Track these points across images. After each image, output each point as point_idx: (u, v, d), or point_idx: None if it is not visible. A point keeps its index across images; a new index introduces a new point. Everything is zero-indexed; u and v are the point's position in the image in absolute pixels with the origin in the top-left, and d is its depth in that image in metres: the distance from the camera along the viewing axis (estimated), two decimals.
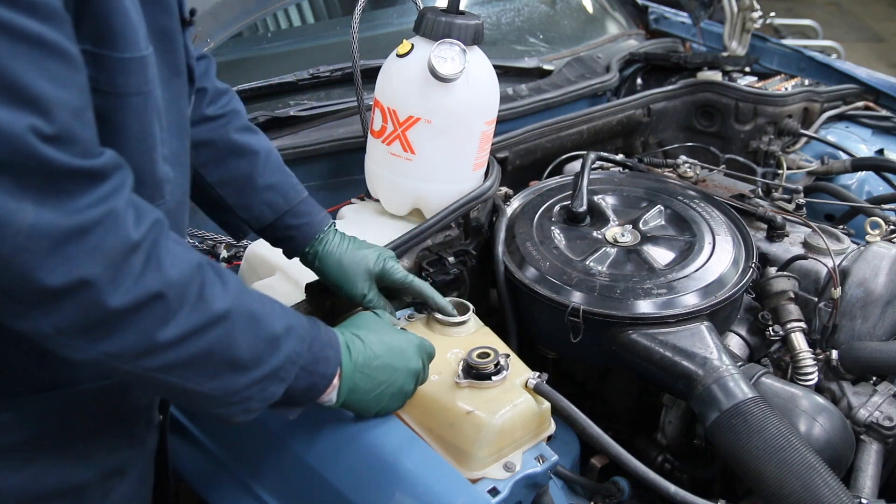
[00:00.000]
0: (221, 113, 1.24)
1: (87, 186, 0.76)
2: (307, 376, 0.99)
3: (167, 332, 0.83)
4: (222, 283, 0.89)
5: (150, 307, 0.81)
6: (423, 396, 1.18)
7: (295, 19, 2.33)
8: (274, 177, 1.28)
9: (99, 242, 0.77)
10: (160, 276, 0.81)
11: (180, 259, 0.84)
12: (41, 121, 0.72)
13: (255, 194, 1.26)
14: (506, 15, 2.56)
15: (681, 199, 1.70)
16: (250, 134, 1.28)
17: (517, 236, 1.58)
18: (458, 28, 1.50)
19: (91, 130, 0.79)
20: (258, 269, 1.47)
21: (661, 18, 2.99)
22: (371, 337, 1.10)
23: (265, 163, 1.27)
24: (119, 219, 0.78)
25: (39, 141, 0.72)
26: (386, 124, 1.55)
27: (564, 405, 1.20)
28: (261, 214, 1.27)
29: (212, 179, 1.25)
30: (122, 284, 0.78)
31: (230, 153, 1.25)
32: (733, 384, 1.26)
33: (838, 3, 8.23)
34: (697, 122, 2.41)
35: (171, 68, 0.96)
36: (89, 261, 0.76)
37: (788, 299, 1.55)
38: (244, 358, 0.90)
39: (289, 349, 0.95)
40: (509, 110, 2.09)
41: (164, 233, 0.84)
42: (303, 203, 1.30)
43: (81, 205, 0.76)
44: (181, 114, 1.02)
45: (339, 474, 1.13)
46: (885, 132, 2.43)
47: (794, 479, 1.14)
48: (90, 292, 0.77)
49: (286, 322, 0.96)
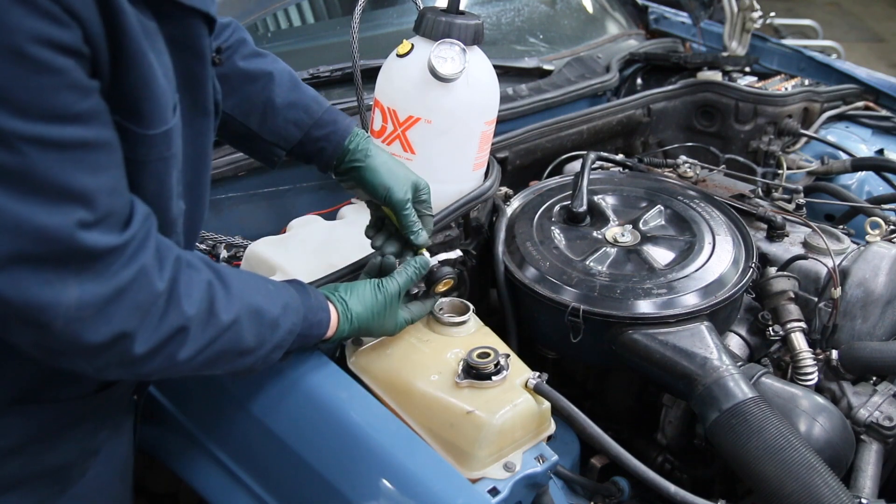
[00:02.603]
0: (227, 46, 1.24)
1: (121, 255, 0.84)
2: (302, 339, 1.10)
3: (186, 352, 0.93)
4: (227, 292, 0.97)
5: (172, 340, 0.91)
6: (423, 396, 1.18)
7: (295, 19, 2.33)
8: (292, 94, 1.28)
9: (134, 298, 0.85)
10: (179, 314, 0.90)
11: (194, 289, 0.93)
12: (85, 212, 0.79)
13: (277, 115, 1.27)
14: (506, 15, 2.56)
15: (681, 199, 1.70)
16: (259, 58, 1.28)
17: (517, 236, 1.58)
18: (458, 28, 1.49)
19: (124, 198, 0.85)
20: (258, 270, 1.47)
21: (661, 18, 2.99)
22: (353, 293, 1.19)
23: (280, 82, 1.27)
24: (148, 273, 0.87)
25: (83, 230, 0.79)
26: (386, 124, 1.55)
27: (564, 405, 1.20)
28: (287, 134, 1.28)
29: (235, 112, 1.25)
30: (149, 329, 0.88)
31: (244, 81, 1.25)
32: (733, 384, 1.26)
33: (838, 3, 8.23)
34: (697, 122, 2.41)
35: (198, 108, 1.00)
36: (127, 316, 0.85)
37: (788, 299, 1.55)
38: (251, 345, 1.01)
39: (287, 325, 1.06)
40: (509, 110, 2.09)
41: (182, 267, 0.92)
42: (326, 113, 1.30)
43: (117, 269, 0.83)
44: (203, 149, 1.05)
45: (338, 474, 1.13)
46: (885, 132, 2.44)
47: (794, 480, 1.14)
48: (126, 342, 0.86)
49: (283, 302, 1.06)
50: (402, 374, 1.22)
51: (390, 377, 1.22)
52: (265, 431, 1.22)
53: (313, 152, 1.31)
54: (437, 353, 1.26)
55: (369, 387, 1.22)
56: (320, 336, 1.13)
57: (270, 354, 1.05)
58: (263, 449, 1.24)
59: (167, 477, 1.38)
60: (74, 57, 0.75)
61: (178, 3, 0.90)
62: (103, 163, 0.81)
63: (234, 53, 1.25)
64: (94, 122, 0.79)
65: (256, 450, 1.26)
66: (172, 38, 0.90)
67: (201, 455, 1.32)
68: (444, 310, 1.34)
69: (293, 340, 1.08)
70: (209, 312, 0.94)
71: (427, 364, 1.23)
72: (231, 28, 1.26)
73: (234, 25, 1.27)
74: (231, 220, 1.73)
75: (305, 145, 1.30)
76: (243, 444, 1.28)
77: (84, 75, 0.77)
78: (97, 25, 0.77)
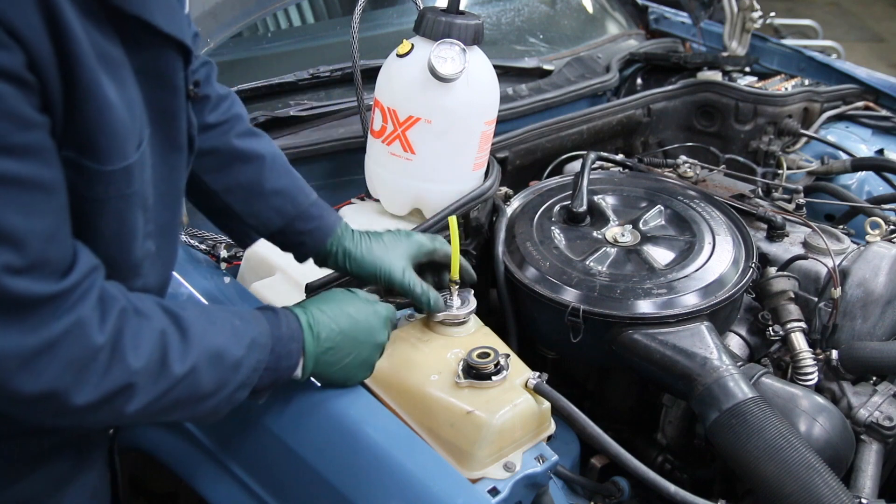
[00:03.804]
0: (224, 119, 1.20)
1: (53, 306, 0.77)
2: (271, 374, 1.02)
3: (134, 405, 0.86)
4: (184, 339, 0.90)
5: (117, 396, 0.84)
6: (423, 396, 1.18)
7: (295, 19, 2.33)
8: (281, 181, 1.23)
9: (66, 353, 0.79)
10: (124, 369, 0.83)
11: (143, 340, 0.86)
12: (13, 255, 0.73)
13: (262, 200, 1.22)
14: (506, 15, 2.56)
15: (681, 199, 1.70)
16: (254, 138, 1.24)
17: (517, 236, 1.58)
18: (458, 28, 1.50)
19: (64, 247, 0.80)
20: (258, 269, 1.47)
21: (661, 18, 2.99)
22: (336, 311, 1.10)
23: (271, 167, 1.23)
24: (85, 326, 0.80)
25: (9, 275, 0.73)
26: (386, 124, 1.55)
27: (564, 405, 1.20)
28: (269, 220, 1.24)
29: (217, 187, 1.21)
30: (87, 385, 0.81)
31: (234, 160, 1.21)
32: (733, 384, 1.26)
33: (838, 3, 8.23)
34: (697, 122, 2.41)
35: (171, 144, 0.96)
36: (57, 372, 0.78)
37: (788, 299, 1.55)
38: (210, 390, 0.94)
39: (251, 362, 0.98)
40: (509, 110, 2.09)
41: (128, 318, 0.85)
42: (313, 207, 1.26)
43: (47, 320, 0.77)
44: (176, 185, 1.01)
45: (338, 474, 1.13)
46: (885, 132, 2.43)
47: (793, 480, 1.14)
48: (59, 399, 0.80)
49: (249, 339, 0.98)
50: (402, 373, 1.22)
51: (390, 377, 1.22)
52: (264, 430, 1.22)
53: (293, 244, 1.27)
54: (437, 353, 1.25)
55: (369, 387, 1.22)
56: (291, 368, 1.05)
57: (235, 394, 0.98)
58: (255, 443, 1.24)
59: (167, 477, 1.38)
60: (13, 83, 0.71)
61: (151, 29, 0.86)
62: (40, 206, 0.75)
63: (230, 129, 1.21)
64: (31, 159, 0.74)
65: (248, 443, 1.25)
66: (143, 69, 0.87)
67: (203, 456, 1.32)
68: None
69: (262, 375, 1.00)
70: (161, 364, 0.87)
71: (427, 364, 1.23)
72: (229, 101, 1.23)
73: (231, 98, 1.24)
74: None
75: (286, 235, 1.26)
76: (239, 440, 1.28)
77: (26, 105, 0.72)
78: (45, 52, 0.73)
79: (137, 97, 0.86)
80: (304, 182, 1.28)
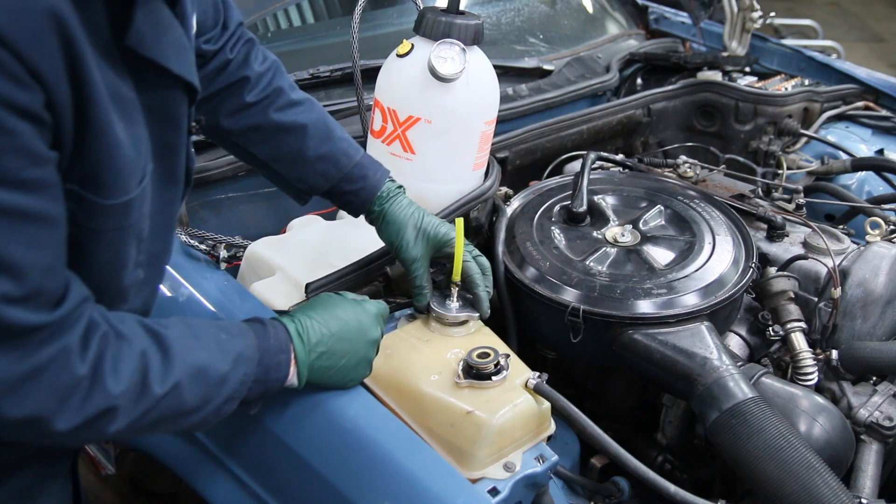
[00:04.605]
0: (263, 97, 1.27)
1: (43, 334, 0.79)
2: (259, 386, 1.03)
3: (116, 426, 0.87)
4: (166, 359, 0.91)
5: (97, 420, 0.85)
6: (423, 396, 1.18)
7: (295, 19, 2.33)
8: (323, 146, 1.30)
9: (50, 380, 0.80)
10: (104, 395, 0.84)
11: (123, 363, 0.86)
12: (12, 285, 0.75)
13: (307, 166, 1.30)
14: (506, 15, 2.56)
15: (681, 199, 1.70)
16: (295, 108, 1.30)
17: (517, 236, 1.58)
18: (458, 28, 1.50)
19: (59, 278, 0.81)
20: (258, 269, 1.47)
21: (661, 18, 2.99)
22: (325, 315, 1.11)
23: (313, 135, 1.29)
24: (70, 354, 0.81)
25: (5, 304, 0.75)
26: (386, 124, 1.55)
27: (564, 405, 1.20)
28: (316, 183, 1.32)
29: (266, 157, 1.30)
30: (69, 412, 0.82)
31: (277, 132, 1.28)
32: (733, 384, 1.26)
33: (838, 3, 8.23)
34: (697, 122, 2.41)
35: (169, 177, 0.98)
36: (42, 398, 0.80)
37: (788, 299, 1.55)
38: (194, 405, 0.94)
39: (238, 376, 0.99)
40: (509, 110, 2.09)
41: (109, 343, 0.86)
42: (356, 167, 1.32)
43: (35, 348, 0.78)
44: (171, 217, 1.03)
45: (337, 474, 1.13)
46: (885, 132, 2.43)
47: (793, 480, 1.14)
48: (41, 424, 0.81)
49: (235, 352, 0.99)
50: (401, 373, 1.22)
51: (390, 377, 1.22)
52: (263, 430, 1.22)
53: (341, 203, 1.36)
54: (437, 353, 1.26)
55: (369, 387, 1.22)
56: (281, 379, 1.05)
57: (222, 408, 0.98)
58: (255, 443, 1.24)
59: (167, 477, 1.38)
60: (30, 121, 0.72)
61: (163, 71, 0.88)
62: (42, 239, 0.77)
63: (270, 104, 1.28)
64: (40, 193, 0.75)
65: (248, 443, 1.26)
66: (151, 107, 0.88)
67: (203, 456, 1.32)
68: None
69: (250, 388, 1.01)
70: (141, 385, 0.88)
71: (427, 364, 1.23)
72: (269, 74, 1.29)
73: (273, 70, 1.30)
74: (231, 220, 1.73)
75: (334, 196, 1.34)
76: (239, 441, 1.28)
77: (40, 143, 0.74)
78: (64, 93, 0.75)
79: (144, 135, 0.88)
80: (348, 144, 1.34)
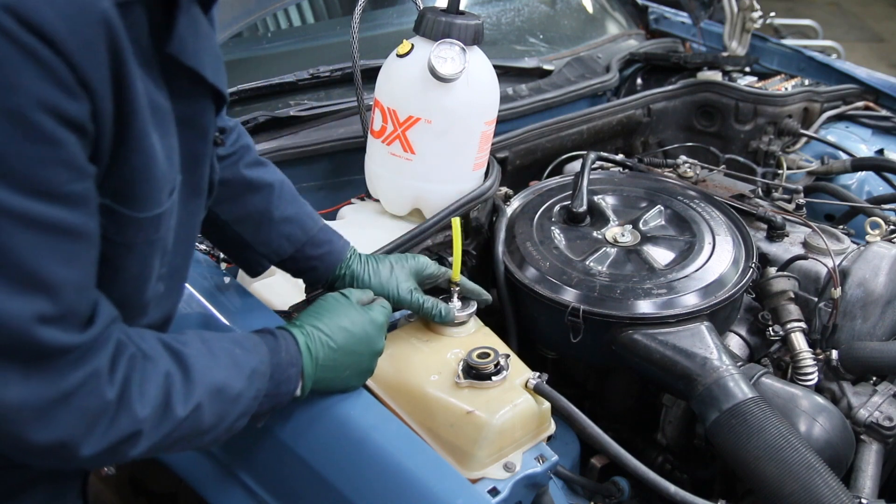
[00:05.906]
0: (233, 151, 1.22)
1: (73, 356, 0.77)
2: (270, 400, 1.03)
3: (138, 450, 0.86)
4: (187, 380, 0.90)
5: (122, 444, 0.84)
6: (423, 396, 1.18)
7: (295, 19, 2.33)
8: (290, 208, 1.26)
9: (80, 404, 0.78)
10: (131, 419, 0.83)
11: (149, 385, 0.85)
12: (47, 304, 0.73)
13: (272, 228, 1.24)
14: (506, 15, 2.56)
15: (681, 199, 1.70)
16: (262, 168, 1.26)
17: (517, 236, 1.58)
18: (458, 28, 1.50)
19: (90, 297, 0.80)
20: None
21: (661, 18, 2.99)
22: (332, 325, 1.11)
23: (280, 195, 1.25)
24: (100, 377, 0.80)
25: (40, 324, 0.73)
26: (386, 124, 1.55)
27: (564, 405, 1.20)
28: (279, 247, 1.26)
29: (228, 217, 1.23)
30: (95, 436, 0.81)
31: (245, 190, 1.23)
32: (733, 384, 1.26)
33: (838, 3, 8.23)
34: (697, 122, 2.41)
35: (194, 189, 0.97)
36: (73, 423, 0.79)
37: (788, 299, 1.55)
38: (211, 424, 0.94)
39: (251, 392, 0.98)
40: (509, 110, 2.09)
41: (136, 365, 0.85)
42: (321, 232, 1.28)
43: (66, 371, 0.77)
44: (193, 230, 1.02)
45: (337, 473, 1.13)
46: (885, 132, 2.43)
47: (794, 480, 1.14)
48: (68, 449, 0.80)
49: (250, 369, 0.98)
50: (402, 374, 1.22)
51: (390, 377, 1.22)
52: (264, 433, 1.22)
53: (304, 269, 1.29)
54: (437, 353, 1.26)
55: (369, 386, 1.22)
56: (290, 392, 1.05)
57: (234, 424, 0.98)
58: (256, 445, 1.24)
59: (167, 477, 1.38)
60: (77, 132, 0.71)
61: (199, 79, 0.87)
62: (79, 255, 0.75)
63: (239, 160, 1.23)
64: (80, 208, 0.74)
65: (249, 445, 1.25)
66: (182, 117, 0.88)
67: (204, 456, 1.32)
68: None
69: (261, 402, 1.01)
70: (164, 408, 0.87)
71: (427, 364, 1.23)
72: (236, 132, 1.24)
73: (238, 129, 1.25)
74: None
75: (297, 261, 1.28)
76: (241, 443, 1.28)
77: (83, 155, 0.73)
78: (107, 104, 0.73)
79: (176, 146, 0.87)
80: (311, 208, 1.31)
